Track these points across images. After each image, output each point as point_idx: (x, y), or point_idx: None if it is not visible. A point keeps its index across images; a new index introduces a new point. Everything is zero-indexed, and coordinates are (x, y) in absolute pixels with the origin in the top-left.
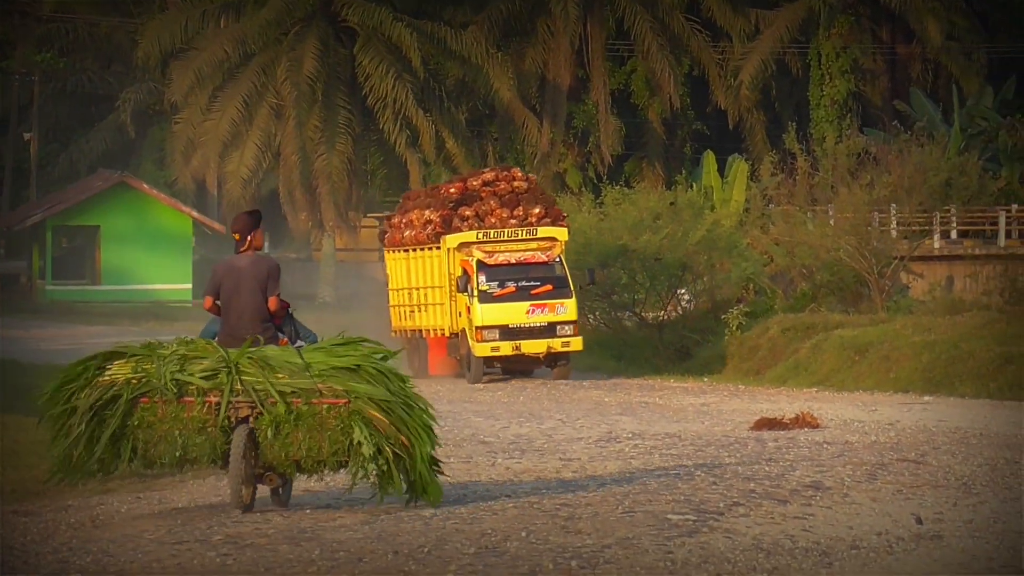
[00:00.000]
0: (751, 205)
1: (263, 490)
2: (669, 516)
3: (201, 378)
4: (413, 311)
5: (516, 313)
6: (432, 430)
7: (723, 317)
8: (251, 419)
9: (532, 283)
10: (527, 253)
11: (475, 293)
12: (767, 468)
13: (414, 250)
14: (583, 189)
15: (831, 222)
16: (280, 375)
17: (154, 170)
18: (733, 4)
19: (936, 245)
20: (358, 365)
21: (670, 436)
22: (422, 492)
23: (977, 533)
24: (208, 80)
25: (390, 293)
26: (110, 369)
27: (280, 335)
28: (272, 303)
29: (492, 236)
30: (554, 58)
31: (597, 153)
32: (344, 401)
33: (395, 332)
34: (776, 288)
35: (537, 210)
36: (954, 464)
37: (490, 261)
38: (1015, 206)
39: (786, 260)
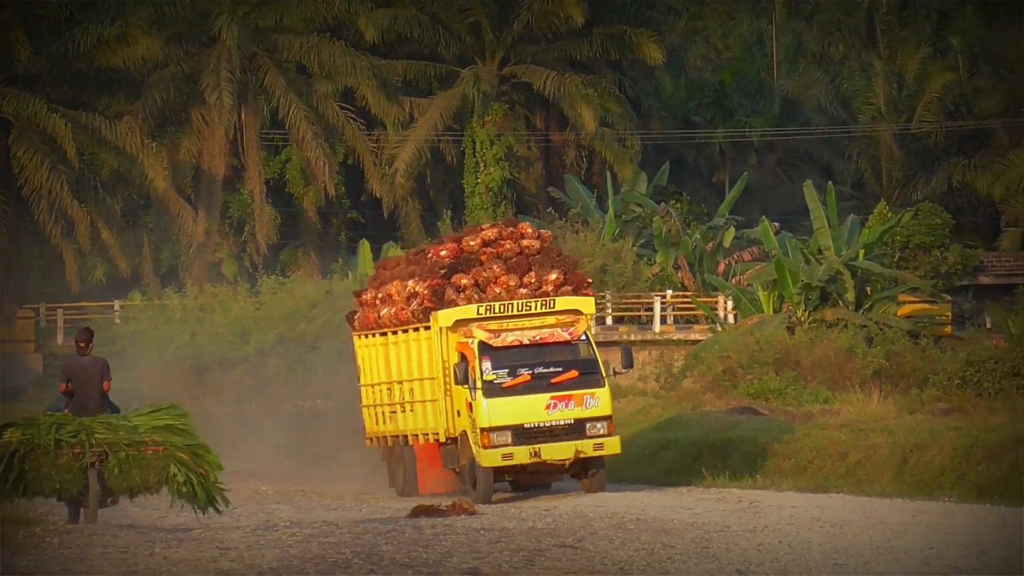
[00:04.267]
0: None
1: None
2: None
3: (69, 437)
4: (395, 412)
5: (533, 409)
6: (218, 465)
7: None
8: (98, 463)
9: (552, 369)
10: (544, 331)
11: (478, 385)
12: (424, 555)
13: (394, 333)
14: (239, 279)
15: None
16: (120, 433)
17: None
18: (387, 92)
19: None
20: (169, 424)
21: (328, 524)
22: (216, 503)
23: None
24: None
25: (363, 390)
26: (5, 435)
27: (107, 408)
28: (106, 386)
29: (497, 311)
30: (209, 147)
31: (253, 242)
32: (162, 448)
33: (370, 439)
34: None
35: (554, 276)
36: (611, 550)
37: (496, 343)
38: (670, 292)
39: None
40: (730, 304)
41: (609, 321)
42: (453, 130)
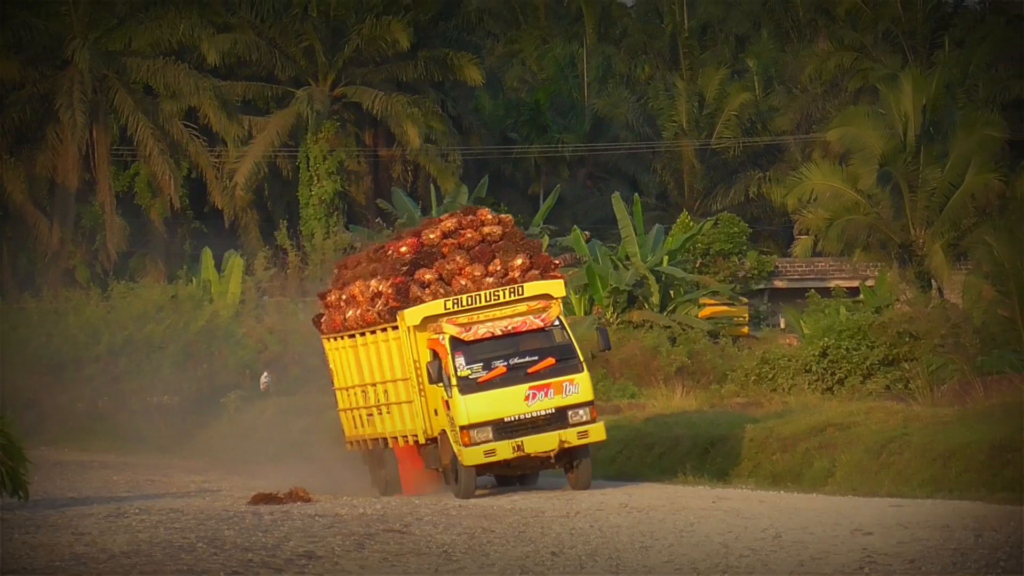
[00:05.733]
0: (246, 297)
1: None
2: None
3: None
4: (371, 414)
5: (512, 401)
6: (24, 460)
7: (221, 401)
8: None
9: (527, 359)
10: (516, 320)
11: (453, 382)
12: (263, 539)
13: (362, 334)
14: (91, 284)
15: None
16: None
17: None
18: (228, 112)
19: None
20: None
21: (174, 511)
22: (23, 493)
23: None
24: None
25: (337, 394)
26: None
27: None
28: None
29: (465, 303)
30: (63, 163)
31: (104, 250)
32: None
33: (350, 443)
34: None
35: (519, 261)
36: (436, 533)
37: (467, 336)
38: None
39: (280, 347)
40: None
41: None
42: (289, 146)
